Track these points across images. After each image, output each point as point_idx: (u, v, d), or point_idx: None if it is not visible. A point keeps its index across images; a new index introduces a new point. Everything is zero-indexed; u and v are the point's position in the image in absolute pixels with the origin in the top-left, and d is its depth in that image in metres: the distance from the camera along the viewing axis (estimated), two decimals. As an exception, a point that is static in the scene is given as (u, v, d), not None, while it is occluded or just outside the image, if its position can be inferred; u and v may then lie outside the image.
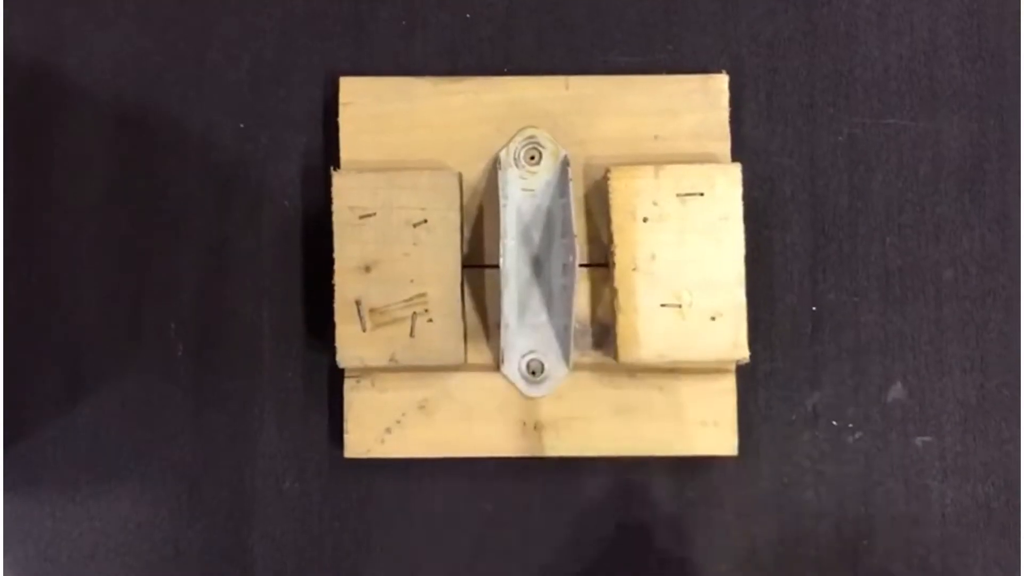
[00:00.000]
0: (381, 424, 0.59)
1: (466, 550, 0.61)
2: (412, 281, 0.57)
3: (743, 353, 0.57)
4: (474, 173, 0.60)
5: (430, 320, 0.57)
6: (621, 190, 0.57)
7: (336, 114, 0.60)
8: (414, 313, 0.57)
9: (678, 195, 0.57)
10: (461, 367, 0.59)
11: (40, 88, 0.62)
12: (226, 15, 0.62)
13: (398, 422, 0.59)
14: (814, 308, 0.61)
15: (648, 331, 0.57)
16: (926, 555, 0.60)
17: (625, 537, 0.61)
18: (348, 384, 0.59)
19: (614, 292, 0.57)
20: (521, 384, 0.59)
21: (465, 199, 0.59)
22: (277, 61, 0.62)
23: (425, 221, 0.57)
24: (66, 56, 0.62)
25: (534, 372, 0.59)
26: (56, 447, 0.61)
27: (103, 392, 0.61)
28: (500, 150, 0.59)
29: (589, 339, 0.60)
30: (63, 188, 0.62)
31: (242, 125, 0.62)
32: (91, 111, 0.62)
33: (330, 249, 0.57)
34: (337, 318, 0.57)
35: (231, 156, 0.62)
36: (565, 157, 0.59)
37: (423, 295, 0.57)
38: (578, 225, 0.59)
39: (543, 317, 0.59)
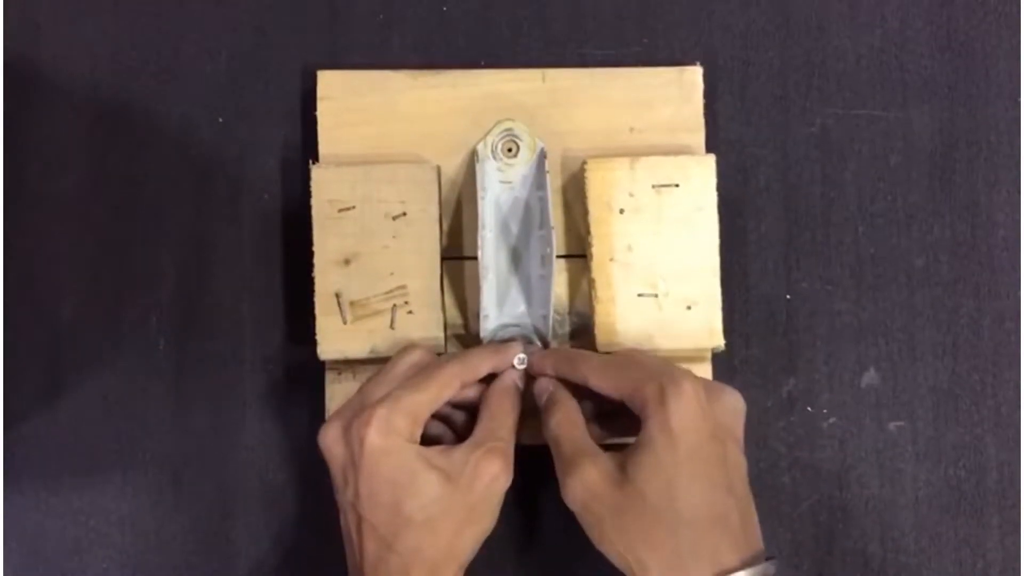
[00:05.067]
0: (362, 415, 0.59)
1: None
2: (392, 273, 0.57)
3: (719, 341, 0.58)
4: (452, 166, 0.60)
5: (410, 312, 0.57)
6: (597, 182, 0.58)
7: (314, 107, 0.60)
8: (394, 305, 0.57)
9: (654, 186, 0.58)
10: (441, 358, 0.59)
11: (15, 82, 0.61)
12: (202, 8, 0.62)
13: (379, 413, 0.59)
14: (788, 297, 0.62)
15: (625, 320, 0.57)
16: (900, 537, 0.61)
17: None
18: (329, 376, 0.59)
19: (591, 282, 0.58)
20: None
21: (443, 192, 0.59)
22: (254, 55, 0.62)
23: (404, 214, 0.57)
24: (41, 49, 0.62)
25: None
26: (38, 441, 0.61)
27: (85, 386, 0.61)
28: (477, 143, 0.60)
29: (567, 329, 0.60)
30: (40, 183, 0.61)
31: (220, 119, 0.62)
32: (67, 105, 0.62)
33: (310, 242, 0.57)
34: (317, 311, 0.57)
35: (209, 150, 0.62)
36: (542, 149, 0.59)
37: (403, 287, 0.57)
38: (555, 216, 0.59)
39: (522, 307, 0.59)
